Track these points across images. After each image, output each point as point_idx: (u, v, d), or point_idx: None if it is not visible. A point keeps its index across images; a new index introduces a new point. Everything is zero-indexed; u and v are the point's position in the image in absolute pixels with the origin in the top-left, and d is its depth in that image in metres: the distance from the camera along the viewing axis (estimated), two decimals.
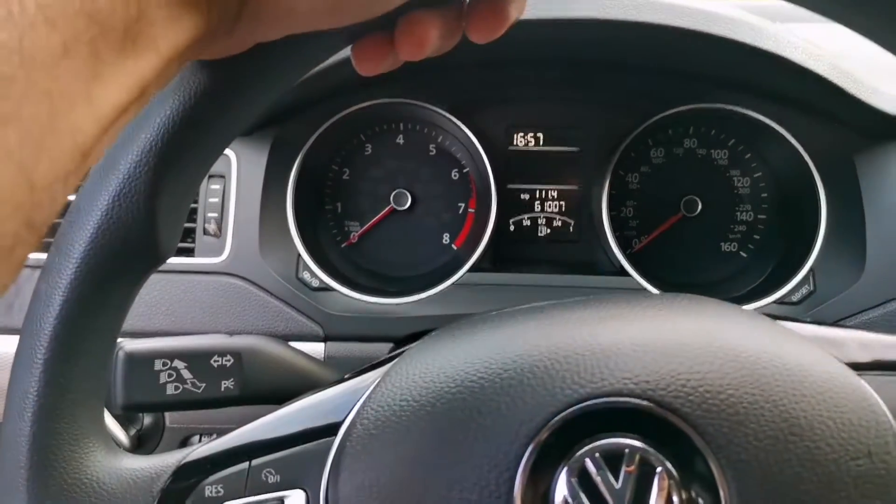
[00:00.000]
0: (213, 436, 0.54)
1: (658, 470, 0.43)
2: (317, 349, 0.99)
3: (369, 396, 0.51)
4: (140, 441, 1.02)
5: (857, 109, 0.92)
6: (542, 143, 1.18)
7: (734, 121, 1.07)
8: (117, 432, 0.99)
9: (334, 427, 0.51)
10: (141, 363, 0.64)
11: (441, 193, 1.18)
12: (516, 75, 1.10)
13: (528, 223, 1.19)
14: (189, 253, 1.02)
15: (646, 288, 1.03)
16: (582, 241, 1.18)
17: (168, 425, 1.01)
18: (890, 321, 0.92)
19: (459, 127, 1.09)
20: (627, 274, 1.04)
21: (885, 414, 0.45)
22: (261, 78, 0.46)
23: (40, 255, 0.44)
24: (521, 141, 1.18)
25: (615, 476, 0.43)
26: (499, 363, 0.48)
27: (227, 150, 1.02)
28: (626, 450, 0.43)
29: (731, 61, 0.95)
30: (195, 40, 0.36)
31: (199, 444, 0.54)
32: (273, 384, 0.69)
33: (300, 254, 1.05)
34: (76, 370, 0.47)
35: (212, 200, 1.01)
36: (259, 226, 1.01)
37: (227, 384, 0.67)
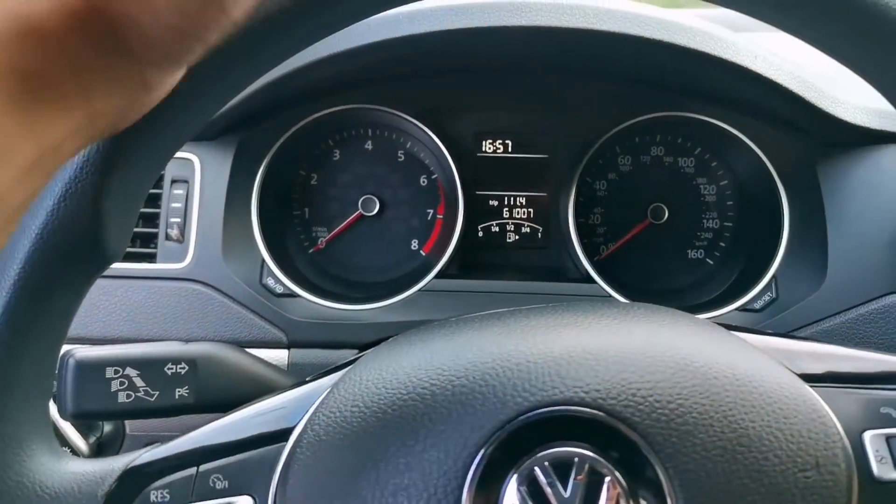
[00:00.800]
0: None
1: (607, 479, 0.42)
2: (280, 356, 0.98)
3: (322, 402, 0.51)
4: (100, 448, 1.00)
5: (818, 119, 0.93)
6: (511, 150, 1.18)
7: (700, 129, 1.08)
8: (76, 440, 0.97)
9: (286, 433, 0.51)
10: (92, 371, 0.63)
11: (409, 199, 1.17)
12: (484, 82, 1.10)
13: (497, 229, 1.19)
14: (151, 259, 1.00)
15: (612, 295, 1.03)
16: (550, 248, 1.18)
17: (129, 433, 1.00)
18: (851, 329, 0.92)
19: (427, 133, 1.09)
20: (594, 281, 1.05)
21: (835, 426, 0.46)
22: (211, 81, 0.46)
23: None
24: (490, 147, 1.18)
25: (564, 485, 0.43)
26: (452, 370, 0.48)
27: (191, 155, 1.01)
28: (576, 458, 0.43)
29: (695, 70, 0.95)
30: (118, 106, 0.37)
31: (147, 449, 0.53)
32: (230, 392, 0.68)
33: (264, 259, 1.04)
34: (20, 373, 0.46)
35: (174, 205, 0.99)
36: (223, 231, 1.00)
37: (182, 392, 0.66)
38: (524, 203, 1.18)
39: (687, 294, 1.12)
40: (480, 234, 1.19)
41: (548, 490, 0.43)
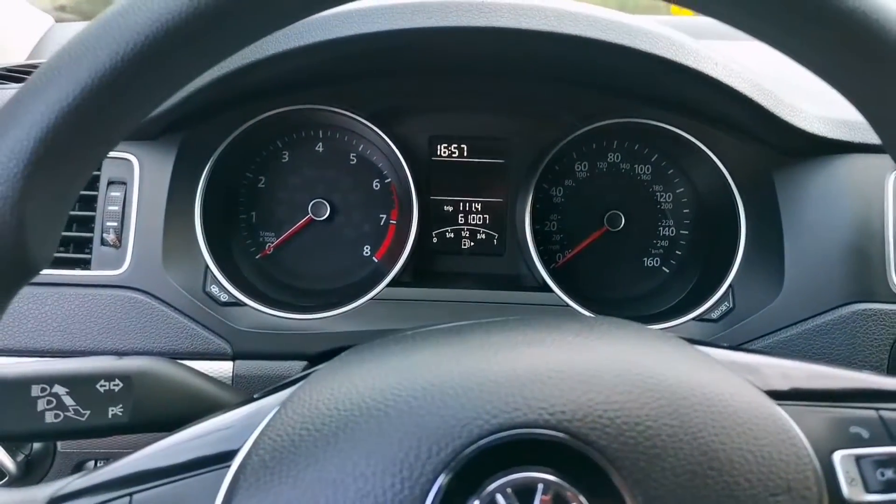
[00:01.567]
0: (98, 464, 0.49)
1: None
2: (225, 368, 0.93)
3: (269, 424, 0.47)
4: (29, 467, 0.95)
5: (776, 127, 0.92)
6: (467, 155, 1.15)
7: (657, 136, 1.07)
8: (3, 458, 0.91)
9: (228, 456, 0.47)
10: (15, 389, 0.58)
11: (362, 204, 1.14)
12: (440, 84, 1.08)
13: (452, 235, 1.17)
14: (85, 265, 0.94)
15: (568, 304, 1.01)
16: (506, 255, 1.16)
17: (60, 450, 0.94)
18: (808, 339, 0.92)
19: (380, 136, 1.05)
20: (550, 289, 1.03)
21: (805, 447, 0.44)
22: (142, 75, 0.42)
23: None
24: (445, 151, 1.15)
25: None
26: (408, 390, 0.45)
27: (129, 155, 0.95)
28: (540, 484, 0.41)
29: (654, 75, 0.94)
30: None
31: (76, 476, 0.49)
32: (169, 410, 0.64)
33: (208, 266, 0.99)
34: None
35: (111, 208, 0.94)
36: (163, 236, 0.95)
37: (116, 410, 0.61)
38: (480, 209, 1.16)
39: (643, 303, 1.11)
40: (435, 241, 1.16)
41: None
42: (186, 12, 0.39)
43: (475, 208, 1.16)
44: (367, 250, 1.14)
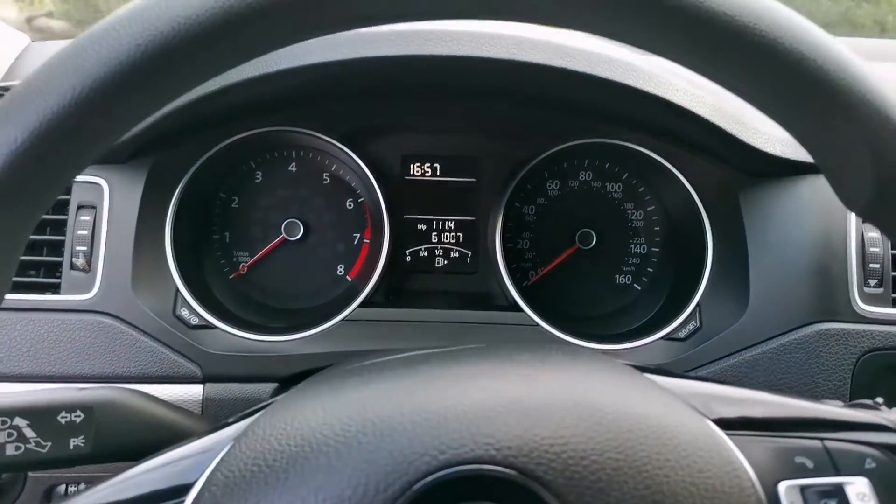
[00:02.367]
0: (69, 488, 0.49)
1: None
2: (195, 391, 0.93)
3: (222, 458, 0.47)
4: None
5: (739, 150, 0.93)
6: (439, 174, 1.16)
7: (627, 155, 1.08)
8: None
9: (182, 490, 0.47)
10: None
11: (335, 223, 1.14)
12: (410, 105, 1.08)
13: (426, 253, 1.17)
14: (54, 289, 0.94)
15: (539, 324, 1.02)
16: (479, 273, 1.17)
17: (30, 475, 0.93)
18: (773, 358, 0.93)
19: (352, 156, 1.06)
20: (521, 309, 1.03)
21: (750, 478, 0.45)
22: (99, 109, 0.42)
23: None
24: (418, 171, 1.16)
25: None
26: (358, 425, 0.45)
27: (99, 179, 0.95)
28: None
29: (616, 101, 0.95)
30: None
31: None
32: (131, 439, 0.64)
33: (178, 289, 0.99)
34: None
35: (81, 233, 0.94)
36: (133, 259, 0.94)
37: (77, 442, 0.61)
38: (453, 227, 1.17)
39: (614, 321, 1.12)
40: (409, 259, 1.17)
41: None
42: (131, 62, 0.40)
43: (448, 227, 1.17)
44: (341, 269, 1.15)
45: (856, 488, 0.46)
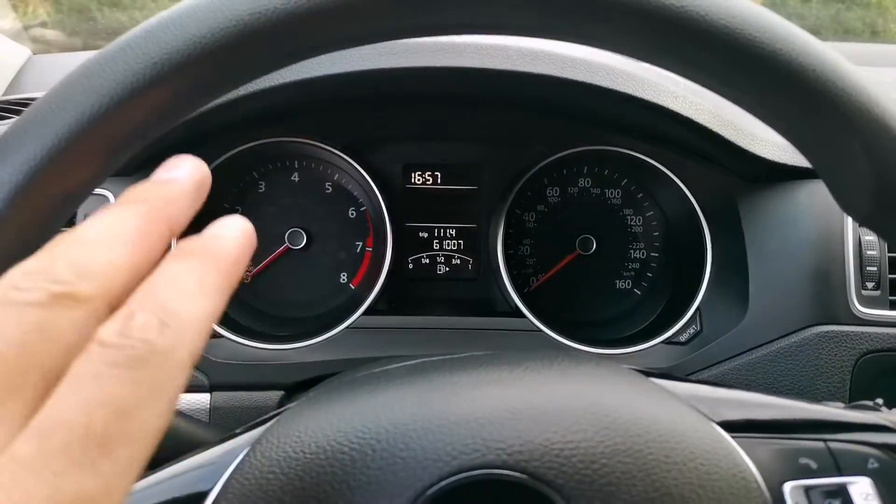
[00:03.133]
0: None
1: None
2: (202, 399, 0.94)
3: (237, 467, 0.48)
4: None
5: (737, 156, 0.95)
6: (440, 182, 1.17)
7: (626, 162, 1.10)
8: None
9: (200, 497, 0.48)
10: None
11: (338, 232, 1.15)
12: (411, 114, 1.10)
13: (427, 261, 1.18)
14: None
15: (541, 329, 1.03)
16: (480, 280, 1.18)
17: None
18: (773, 361, 0.94)
19: (354, 166, 1.07)
20: (523, 315, 1.04)
21: (756, 481, 0.46)
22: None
23: None
24: (419, 179, 1.17)
25: None
26: (373, 433, 0.46)
27: (104, 191, 0.96)
28: None
29: (616, 109, 0.97)
30: None
31: None
32: None
33: None
34: None
35: None
36: None
37: None
38: (454, 235, 1.18)
39: (615, 326, 1.13)
40: (411, 267, 1.18)
41: None
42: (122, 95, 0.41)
43: (450, 234, 1.18)
44: (345, 277, 1.16)
45: (859, 488, 0.47)
